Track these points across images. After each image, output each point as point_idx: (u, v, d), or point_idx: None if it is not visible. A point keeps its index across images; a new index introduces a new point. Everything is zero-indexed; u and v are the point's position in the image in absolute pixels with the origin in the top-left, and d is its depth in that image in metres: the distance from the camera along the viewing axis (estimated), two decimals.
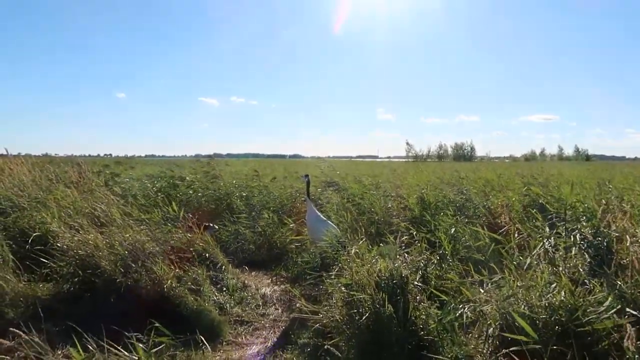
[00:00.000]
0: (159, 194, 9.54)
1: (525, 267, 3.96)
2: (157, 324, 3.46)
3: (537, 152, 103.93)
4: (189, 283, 5.26)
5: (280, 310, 5.60)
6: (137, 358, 2.98)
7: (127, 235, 5.62)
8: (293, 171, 18.66)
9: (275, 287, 6.35)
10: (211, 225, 8.46)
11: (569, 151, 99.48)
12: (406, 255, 4.56)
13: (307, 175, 6.68)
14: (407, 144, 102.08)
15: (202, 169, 12.87)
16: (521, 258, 4.30)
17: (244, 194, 10.11)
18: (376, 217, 7.68)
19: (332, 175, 10.77)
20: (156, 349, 3.21)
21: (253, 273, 7.13)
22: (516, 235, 4.70)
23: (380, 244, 5.09)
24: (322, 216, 6.66)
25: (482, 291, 3.89)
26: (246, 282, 6.19)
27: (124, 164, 15.73)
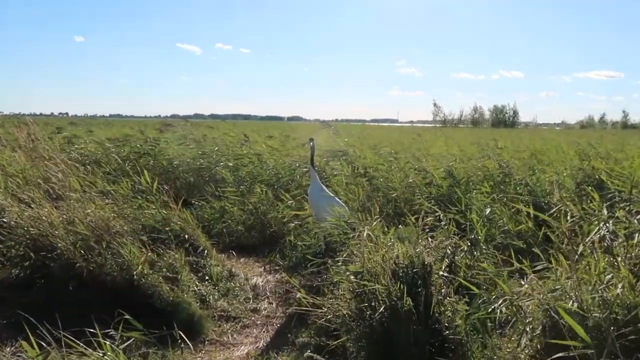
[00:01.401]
0: (127, 161, 9.60)
1: (576, 257, 3.99)
2: (127, 316, 3.53)
3: (596, 118, 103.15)
4: (164, 270, 5.34)
5: (274, 305, 5.69)
6: (102, 355, 3.05)
7: (89, 210, 5.67)
8: (292, 137, 18.69)
9: (269, 277, 6.44)
10: (191, 200, 8.55)
11: (635, 118, 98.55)
12: (430, 239, 4.58)
13: (312, 139, 6.69)
14: (435, 105, 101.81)
15: (178, 133, 12.93)
16: (572, 245, 4.33)
17: (231, 164, 10.17)
18: (394, 194, 7.73)
19: (340, 143, 10.78)
20: (125, 345, 3.28)
21: (242, 259, 7.22)
22: (567, 218, 4.71)
23: (399, 226, 5.12)
24: (327, 191, 6.69)
25: (523, 283, 3.93)
26: (233, 270, 6.28)
27: (83, 126, 15.75)
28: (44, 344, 3.11)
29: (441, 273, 4.15)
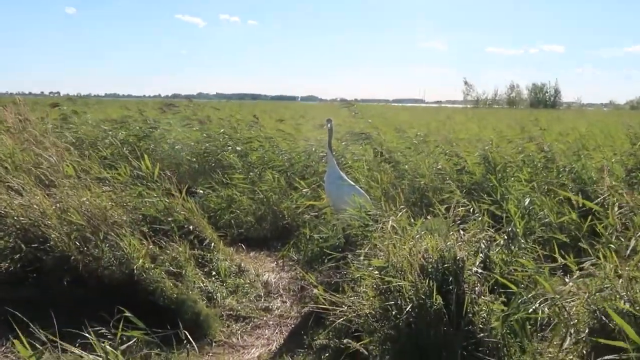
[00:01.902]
0: (126, 145, 9.67)
1: (627, 252, 3.95)
2: (127, 314, 3.56)
3: None
4: (167, 264, 5.38)
5: (288, 303, 5.72)
6: (101, 357, 3.09)
7: (84, 198, 5.72)
8: (306, 118, 18.70)
9: (282, 273, 6.47)
10: (196, 189, 8.60)
11: None
12: (462, 232, 4.57)
13: (330, 120, 6.67)
14: (465, 83, 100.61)
15: (181, 113, 12.99)
16: (622, 239, 4.28)
17: (239, 148, 10.19)
18: (422, 182, 7.71)
19: (362, 125, 10.76)
20: (125, 346, 3.31)
21: (252, 253, 7.25)
22: (616, 209, 4.66)
23: (427, 217, 5.10)
24: (346, 178, 6.68)
25: (567, 281, 3.90)
26: (243, 265, 6.31)
27: (77, 105, 15.87)
28: (37, 345, 3.14)
29: (475, 269, 4.13)
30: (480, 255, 4.38)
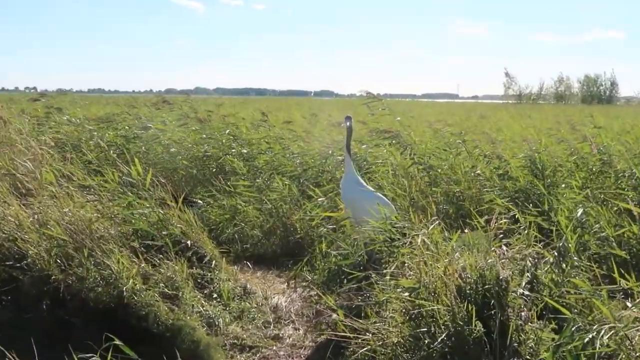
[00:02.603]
0: (113, 147, 9.73)
1: None
2: (116, 341, 3.59)
3: None
4: (161, 285, 5.40)
5: (301, 331, 5.72)
6: None
7: (66, 209, 5.75)
8: (321, 115, 18.68)
9: (294, 295, 6.46)
10: (194, 198, 8.62)
11: None
12: (505, 247, 4.55)
13: (349, 118, 6.66)
14: (506, 75, 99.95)
15: (176, 112, 13.05)
16: None
17: (245, 151, 10.23)
18: (457, 189, 7.68)
19: (387, 123, 10.73)
20: None
21: (259, 273, 7.25)
22: None
23: (464, 230, 5.08)
24: (365, 184, 6.67)
25: (629, 306, 3.87)
26: (249, 286, 6.31)
27: (58, 101, 16.00)
28: None
29: (520, 291, 4.10)
30: (527, 274, 4.35)
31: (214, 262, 6.18)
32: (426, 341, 3.96)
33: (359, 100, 12.73)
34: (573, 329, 3.90)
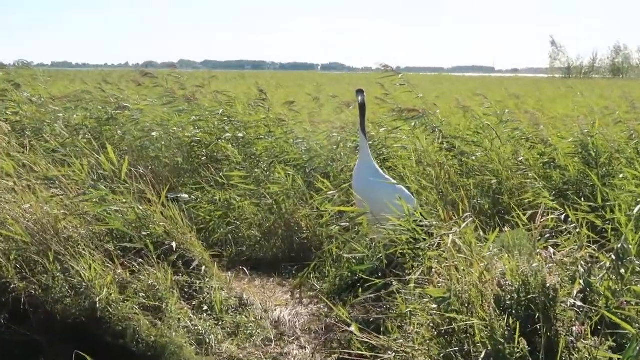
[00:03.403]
0: (83, 131, 9.71)
1: None
2: None
3: None
4: (142, 295, 5.41)
5: (308, 349, 5.72)
6: None
7: (27, 205, 5.75)
8: (328, 93, 18.67)
9: (300, 307, 6.46)
10: (180, 191, 8.62)
11: None
12: (552, 250, 4.53)
13: (362, 92, 6.63)
14: (553, 44, 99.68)
15: (159, 88, 12.99)
16: None
17: (240, 135, 10.19)
18: (494, 180, 7.66)
19: (410, 101, 10.68)
20: None
21: (258, 280, 7.25)
22: None
23: (503, 229, 5.07)
24: (383, 173, 6.66)
25: None
26: (245, 296, 6.32)
27: (13, 76, 16.01)
28: None
29: (571, 301, 4.09)
30: (579, 282, 4.33)
31: (203, 267, 6.17)
32: None
33: (375, 75, 12.67)
34: (636, 347, 3.88)
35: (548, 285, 4.02)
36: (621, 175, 7.39)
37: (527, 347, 3.82)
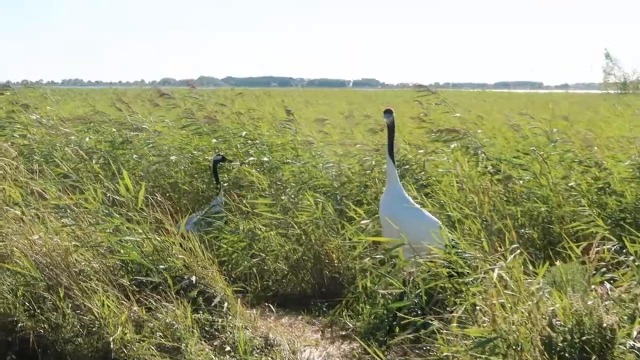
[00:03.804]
0: (96, 155, 9.79)
1: None
2: None
3: None
4: (159, 334, 5.42)
5: None
6: None
7: (36, 237, 5.79)
8: (361, 112, 18.67)
9: (331, 348, 6.45)
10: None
11: None
12: (608, 285, 4.49)
13: (390, 112, 6.63)
14: (607, 57, 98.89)
15: (177, 108, 13.07)
16: None
17: (266, 159, 10.23)
18: (544, 208, 7.61)
19: (451, 120, 10.65)
20: None
21: (285, 319, 7.23)
22: None
23: (554, 262, 5.03)
24: (411, 200, 6.64)
25: None
26: (271, 335, 6.31)
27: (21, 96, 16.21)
28: None
29: (631, 343, 4.04)
30: (639, 321, 4.29)
31: (226, 304, 6.16)
32: None
33: (413, 93, 12.64)
34: None
35: (605, 325, 3.98)
36: None
37: None
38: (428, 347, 4.95)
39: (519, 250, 4.92)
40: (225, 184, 9.86)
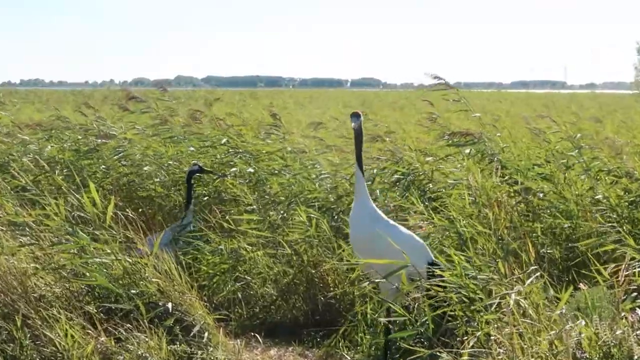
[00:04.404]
0: (59, 165, 9.77)
1: None
2: None
3: None
4: None
5: None
6: None
7: None
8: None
9: None
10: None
11: None
12: (639, 312, 4.51)
13: (357, 116, 6.56)
14: (639, 52, 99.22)
15: (151, 113, 13.06)
16: None
17: (251, 170, 10.21)
18: (567, 224, 7.64)
19: (462, 122, 10.67)
20: None
21: (274, 350, 7.23)
22: None
23: (579, 286, 5.05)
24: (385, 217, 6.63)
25: None
26: None
27: None
28: None
29: None
30: None
31: (206, 334, 6.16)
32: None
33: (417, 93, 12.66)
34: None
35: (636, 357, 4.00)
36: None
37: None
38: None
39: (538, 273, 4.94)
40: (205, 198, 9.86)
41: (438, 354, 4.98)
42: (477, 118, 10.30)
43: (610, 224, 7.46)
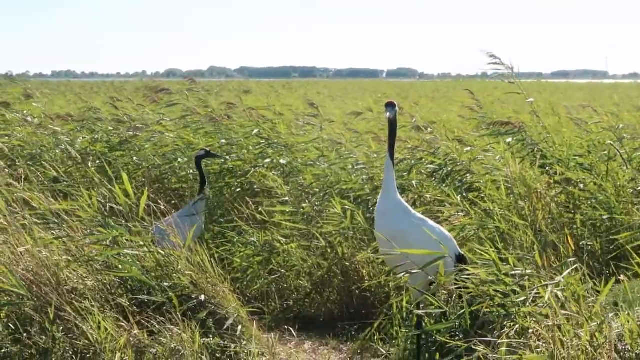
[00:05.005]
0: (90, 158, 9.81)
1: None
2: None
3: None
4: None
5: None
6: None
7: (22, 249, 5.83)
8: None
9: None
10: (209, 228, 8.66)
11: None
12: None
13: (393, 106, 6.46)
14: None
15: (180, 104, 13.04)
16: None
17: (284, 162, 10.17)
18: (606, 216, 7.60)
19: (501, 112, 10.58)
20: None
21: (308, 344, 7.24)
22: None
23: (620, 279, 5.02)
24: (412, 210, 6.59)
25: None
26: None
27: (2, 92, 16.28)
28: None
29: None
30: None
31: (239, 327, 6.17)
32: None
33: (453, 83, 12.60)
34: None
35: None
36: None
37: None
38: None
39: (577, 265, 4.91)
40: (238, 190, 9.85)
41: (475, 346, 4.96)
42: (530, 104, 10.15)
43: None
